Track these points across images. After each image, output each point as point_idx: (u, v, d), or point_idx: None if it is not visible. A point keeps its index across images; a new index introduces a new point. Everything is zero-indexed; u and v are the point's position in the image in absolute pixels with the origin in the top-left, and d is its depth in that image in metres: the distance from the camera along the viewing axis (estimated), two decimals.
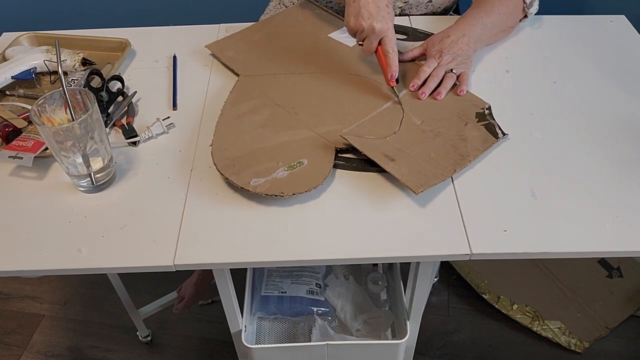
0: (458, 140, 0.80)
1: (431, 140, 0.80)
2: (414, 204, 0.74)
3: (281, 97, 0.89)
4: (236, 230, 0.71)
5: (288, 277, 0.99)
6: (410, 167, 0.75)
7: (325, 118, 0.85)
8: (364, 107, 0.87)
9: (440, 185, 0.76)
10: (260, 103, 0.88)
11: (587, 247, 0.69)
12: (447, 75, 0.89)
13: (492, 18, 0.96)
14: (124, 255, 0.69)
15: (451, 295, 1.57)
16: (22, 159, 0.77)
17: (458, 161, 0.77)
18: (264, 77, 0.94)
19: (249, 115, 0.86)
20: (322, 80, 0.93)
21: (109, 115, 0.88)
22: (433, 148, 0.79)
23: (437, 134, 0.81)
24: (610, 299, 1.49)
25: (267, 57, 0.98)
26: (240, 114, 0.86)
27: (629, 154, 0.80)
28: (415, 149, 0.78)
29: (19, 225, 0.73)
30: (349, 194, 0.75)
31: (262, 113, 0.86)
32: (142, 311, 1.39)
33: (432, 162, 0.76)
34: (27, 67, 0.96)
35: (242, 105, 0.88)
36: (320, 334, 0.93)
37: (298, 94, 0.90)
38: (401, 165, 0.76)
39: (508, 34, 1.02)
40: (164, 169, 0.80)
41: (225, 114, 0.87)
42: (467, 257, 0.68)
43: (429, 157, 0.77)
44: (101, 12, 1.69)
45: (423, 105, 0.86)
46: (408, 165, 0.76)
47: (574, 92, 0.91)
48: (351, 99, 0.89)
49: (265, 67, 0.96)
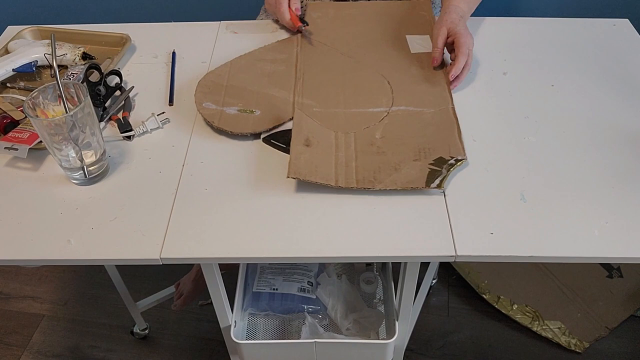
0: (388, 167, 0.77)
1: (367, 153, 0.79)
2: (401, 204, 0.74)
3: (305, 63, 0.95)
4: (224, 225, 0.72)
5: (280, 274, 0.99)
6: (312, 157, 0.77)
7: (316, 94, 0.89)
8: (360, 102, 0.88)
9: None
10: (285, 59, 0.96)
11: (576, 252, 0.68)
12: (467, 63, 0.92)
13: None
14: (111, 248, 0.70)
15: (451, 295, 1.57)
16: (18, 150, 0.78)
17: (361, 180, 0.75)
18: (317, 45, 1.00)
19: (267, 63, 0.94)
20: (354, 67, 0.95)
21: (105, 109, 0.89)
22: (360, 159, 0.78)
23: (381, 152, 0.79)
24: (610, 299, 1.48)
25: (339, 31, 1.03)
26: (262, 58, 0.96)
27: (622, 161, 0.79)
28: (341, 151, 0.79)
29: (11, 215, 0.75)
30: (338, 194, 0.75)
31: (277, 67, 0.93)
32: (141, 304, 1.41)
33: (338, 166, 0.77)
34: (28, 60, 0.97)
35: (271, 54, 0.97)
36: (310, 332, 0.93)
37: (321, 67, 0.95)
38: (307, 152, 0.78)
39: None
40: (157, 163, 0.81)
41: (254, 53, 0.98)
42: (452, 259, 0.68)
43: (342, 162, 0.78)
44: (105, 7, 1.71)
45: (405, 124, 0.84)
46: (312, 155, 0.78)
47: (571, 96, 0.90)
48: (357, 91, 0.90)
49: (330, 37, 1.02)
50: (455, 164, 0.77)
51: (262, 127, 0.84)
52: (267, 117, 0.86)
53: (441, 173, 0.76)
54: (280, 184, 0.77)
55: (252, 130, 0.83)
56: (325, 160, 0.78)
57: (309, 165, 0.77)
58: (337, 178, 0.75)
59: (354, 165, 0.77)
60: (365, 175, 0.76)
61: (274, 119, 0.85)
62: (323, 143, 0.81)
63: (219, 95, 0.89)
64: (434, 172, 0.76)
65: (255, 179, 0.78)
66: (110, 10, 1.71)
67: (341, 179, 0.75)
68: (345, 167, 0.77)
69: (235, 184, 0.77)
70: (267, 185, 0.77)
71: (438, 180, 0.75)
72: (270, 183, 0.77)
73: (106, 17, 1.70)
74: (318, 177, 0.75)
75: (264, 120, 0.85)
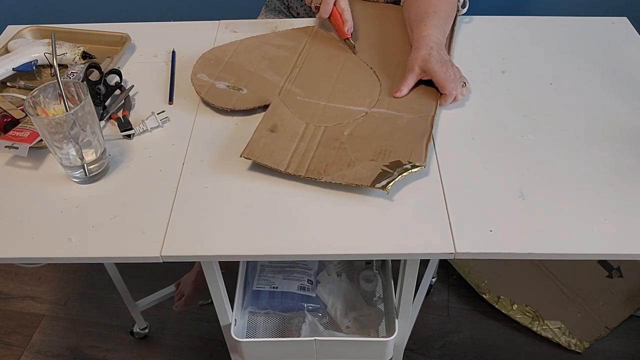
0: (342, 163, 0.77)
1: (328, 147, 0.79)
2: (400, 201, 0.74)
3: (309, 52, 0.97)
4: (225, 223, 0.72)
5: (280, 272, 1.00)
6: (272, 142, 0.80)
7: (306, 83, 0.91)
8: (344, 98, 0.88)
9: (428, 183, 0.76)
10: (291, 47, 0.98)
11: (574, 249, 0.69)
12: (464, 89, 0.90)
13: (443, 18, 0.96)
14: (112, 246, 0.70)
15: (451, 295, 1.57)
16: (18, 149, 0.78)
17: (310, 170, 0.76)
18: (329, 39, 1.01)
19: (273, 47, 0.97)
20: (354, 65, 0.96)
21: (105, 108, 0.89)
22: (319, 151, 0.78)
23: (342, 148, 0.79)
24: (610, 299, 1.48)
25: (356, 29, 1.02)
26: (270, 42, 0.99)
27: (620, 158, 0.79)
28: (304, 142, 0.80)
29: (12, 213, 0.75)
30: (337, 191, 0.76)
31: (281, 52, 0.96)
32: (140, 303, 1.41)
33: (295, 155, 0.78)
34: (28, 59, 0.97)
35: (281, 40, 1.00)
36: (309, 330, 0.93)
37: (323, 58, 0.97)
38: (269, 136, 0.80)
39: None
40: (157, 162, 0.81)
41: (266, 36, 1.01)
42: (452, 256, 0.68)
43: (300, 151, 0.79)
44: (105, 7, 1.71)
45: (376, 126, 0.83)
46: (273, 140, 0.80)
47: (570, 94, 0.91)
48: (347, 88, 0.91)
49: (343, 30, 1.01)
50: (410, 169, 0.76)
51: (244, 105, 0.87)
52: (251, 97, 0.88)
53: (391, 175, 0.74)
54: (282, 184, 0.77)
55: (232, 107, 0.87)
56: (284, 147, 0.79)
57: (266, 149, 0.79)
58: (288, 165, 0.77)
59: (311, 155, 0.78)
60: (316, 166, 0.77)
61: (257, 99, 0.88)
62: (289, 131, 0.82)
63: (215, 70, 0.93)
64: (385, 173, 0.75)
65: (256, 178, 0.78)
66: (110, 10, 1.71)
67: (292, 166, 0.76)
68: (302, 157, 0.78)
69: (235, 183, 0.77)
70: (268, 185, 0.77)
71: (385, 181, 0.73)
72: (270, 183, 0.77)
73: (106, 16, 1.70)
74: (270, 161, 0.77)
75: (247, 100, 0.88)
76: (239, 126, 0.86)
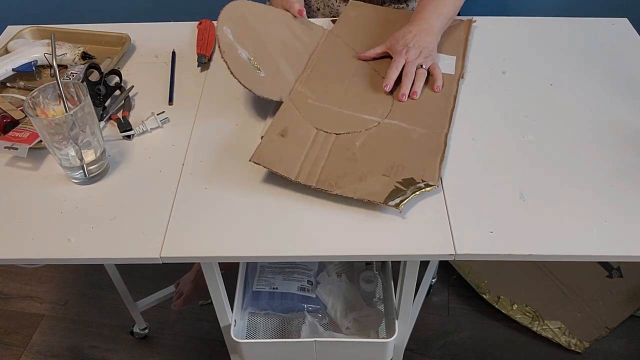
0: (354, 176, 0.75)
1: (339, 157, 0.78)
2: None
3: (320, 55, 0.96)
4: (224, 224, 0.72)
5: (280, 273, 0.99)
6: (282, 147, 0.78)
7: (318, 86, 0.90)
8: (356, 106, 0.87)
9: None
10: (305, 43, 0.97)
11: (575, 251, 0.69)
12: (418, 72, 0.89)
13: (446, 6, 0.96)
14: (112, 247, 0.70)
15: (451, 295, 1.57)
16: (17, 149, 0.78)
17: (321, 181, 0.74)
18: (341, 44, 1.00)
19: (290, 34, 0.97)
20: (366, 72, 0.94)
21: (105, 108, 0.89)
22: (330, 161, 0.77)
23: (353, 159, 0.78)
24: (610, 299, 1.48)
25: (369, 34, 1.02)
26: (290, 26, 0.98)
27: (620, 159, 0.79)
28: (314, 149, 0.79)
29: (12, 214, 0.75)
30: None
31: (296, 43, 0.95)
32: (140, 304, 1.41)
33: (305, 162, 0.76)
34: (28, 60, 0.97)
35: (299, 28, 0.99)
36: (309, 331, 0.93)
37: (335, 62, 0.96)
38: (279, 141, 0.79)
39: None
40: (156, 162, 0.81)
41: (287, 16, 1.00)
42: (452, 258, 0.68)
43: (311, 159, 0.77)
44: (105, 7, 1.71)
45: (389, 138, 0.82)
46: (283, 145, 0.78)
47: (570, 95, 0.91)
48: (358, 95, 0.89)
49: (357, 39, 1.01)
50: (423, 188, 0.74)
51: (259, 91, 0.84)
52: (268, 86, 0.86)
53: (405, 193, 0.73)
54: (282, 184, 0.77)
55: (250, 87, 0.83)
56: (294, 154, 0.78)
57: (275, 155, 0.77)
58: (299, 173, 0.75)
59: (322, 165, 0.77)
60: (328, 177, 0.75)
61: (271, 91, 0.85)
62: (299, 137, 0.80)
63: (240, 29, 0.89)
64: (398, 190, 0.73)
65: (256, 179, 0.78)
66: (110, 10, 1.71)
67: (303, 175, 0.75)
68: (312, 165, 0.76)
69: (235, 183, 0.77)
70: (268, 185, 0.77)
71: (398, 199, 0.72)
72: (271, 183, 0.77)
73: (106, 16, 1.70)
74: (280, 168, 0.75)
75: (264, 87, 0.85)
76: (238, 127, 0.86)
